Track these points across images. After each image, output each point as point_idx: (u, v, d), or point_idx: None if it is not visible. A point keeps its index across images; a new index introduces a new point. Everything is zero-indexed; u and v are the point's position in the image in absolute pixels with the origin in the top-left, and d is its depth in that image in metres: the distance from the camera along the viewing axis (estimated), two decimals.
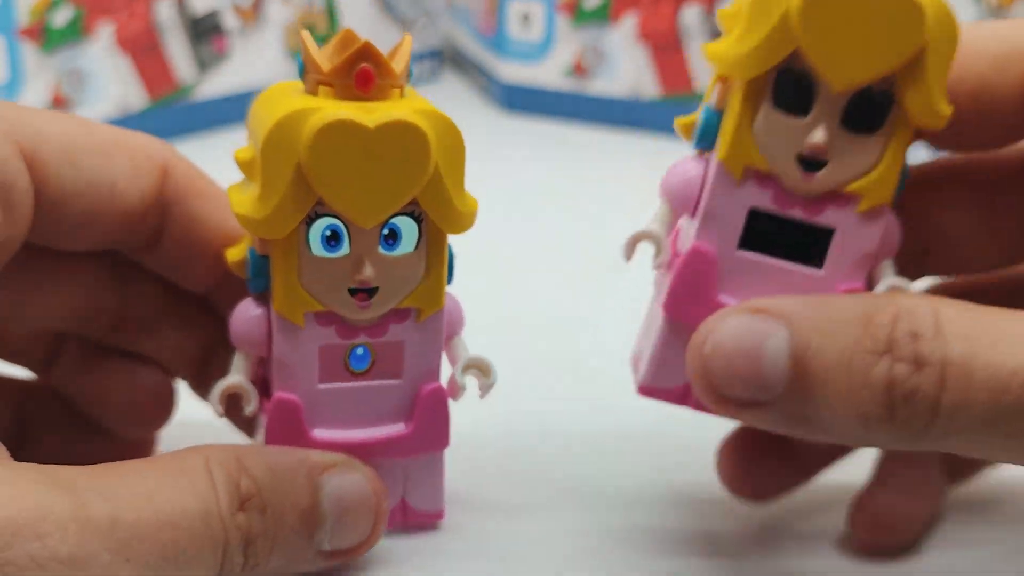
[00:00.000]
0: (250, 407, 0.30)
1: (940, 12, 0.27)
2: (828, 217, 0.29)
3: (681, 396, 0.30)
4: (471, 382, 0.31)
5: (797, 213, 0.29)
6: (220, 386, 0.30)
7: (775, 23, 0.27)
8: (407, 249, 0.29)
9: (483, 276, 0.34)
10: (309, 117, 0.27)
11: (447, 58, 0.76)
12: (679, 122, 0.30)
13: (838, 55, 0.27)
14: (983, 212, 0.32)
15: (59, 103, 0.58)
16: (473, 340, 0.32)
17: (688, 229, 0.30)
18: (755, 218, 0.29)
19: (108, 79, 0.59)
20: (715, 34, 0.44)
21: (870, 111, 0.28)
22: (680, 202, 0.30)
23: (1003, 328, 0.26)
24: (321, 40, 0.66)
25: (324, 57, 0.28)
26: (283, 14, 0.65)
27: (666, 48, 0.67)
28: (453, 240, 0.30)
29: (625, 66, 0.67)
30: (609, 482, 0.35)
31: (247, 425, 0.33)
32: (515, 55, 0.69)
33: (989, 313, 0.27)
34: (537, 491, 0.35)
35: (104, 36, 0.59)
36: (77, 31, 0.58)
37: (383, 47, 0.28)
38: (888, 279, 0.30)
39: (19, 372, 0.34)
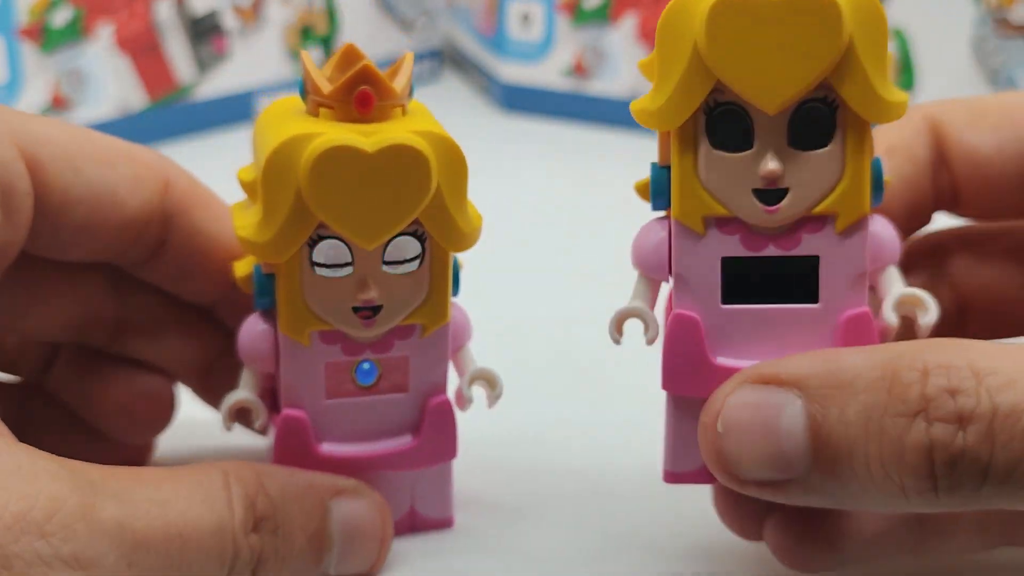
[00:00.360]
0: (259, 421, 0.31)
1: None
2: (807, 246, 0.27)
3: (709, 474, 0.28)
4: (478, 393, 0.31)
5: (772, 251, 0.27)
6: (228, 401, 0.31)
7: (687, 61, 0.26)
8: (411, 267, 0.29)
9: (483, 278, 0.34)
10: (308, 143, 0.27)
11: (447, 58, 0.76)
12: (636, 185, 0.28)
13: (762, 76, 0.25)
14: (1022, 271, 0.31)
15: (59, 103, 0.58)
16: (473, 341, 0.32)
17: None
18: (731, 267, 0.27)
19: (108, 79, 0.59)
20: None
21: (816, 123, 0.26)
22: (653, 270, 0.28)
23: None
24: (321, 41, 0.66)
25: (324, 78, 0.28)
26: (283, 14, 0.65)
27: None
28: None
29: (625, 66, 0.67)
30: (615, 485, 0.35)
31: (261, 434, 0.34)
32: (515, 55, 0.69)
33: None
34: (544, 493, 0.35)
35: (104, 36, 0.59)
36: (77, 31, 0.58)
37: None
38: (896, 290, 0.28)
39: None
